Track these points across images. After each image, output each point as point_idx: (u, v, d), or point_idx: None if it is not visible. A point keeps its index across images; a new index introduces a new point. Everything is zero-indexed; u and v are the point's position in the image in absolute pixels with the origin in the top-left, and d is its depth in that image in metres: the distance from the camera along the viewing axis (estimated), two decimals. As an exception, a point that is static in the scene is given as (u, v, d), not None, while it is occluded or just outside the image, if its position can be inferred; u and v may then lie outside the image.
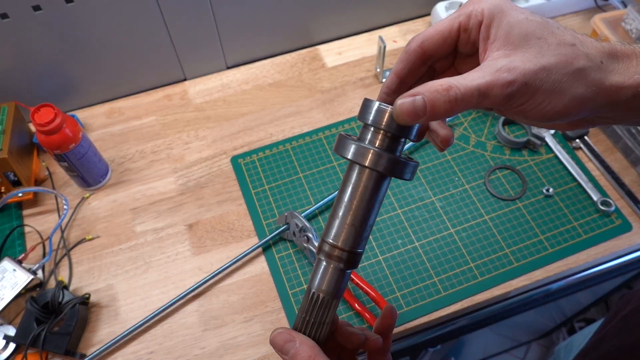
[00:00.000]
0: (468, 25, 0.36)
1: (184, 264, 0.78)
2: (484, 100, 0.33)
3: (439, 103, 0.32)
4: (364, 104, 0.37)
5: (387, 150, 0.36)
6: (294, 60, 1.03)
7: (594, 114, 0.35)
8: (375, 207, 0.38)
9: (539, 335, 1.62)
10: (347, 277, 0.40)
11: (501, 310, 0.85)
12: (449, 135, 0.38)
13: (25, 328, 0.69)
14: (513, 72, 0.32)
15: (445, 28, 0.36)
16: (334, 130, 0.92)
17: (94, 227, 0.82)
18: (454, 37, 0.37)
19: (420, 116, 0.32)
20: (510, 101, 0.33)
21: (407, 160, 0.37)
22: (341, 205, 0.38)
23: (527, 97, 0.33)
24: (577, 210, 0.82)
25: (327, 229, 0.39)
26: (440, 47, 0.37)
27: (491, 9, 0.34)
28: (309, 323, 0.39)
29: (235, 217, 0.82)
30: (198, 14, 0.89)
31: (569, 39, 0.33)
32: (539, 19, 0.34)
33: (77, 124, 0.78)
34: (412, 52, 0.37)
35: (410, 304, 0.74)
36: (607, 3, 1.08)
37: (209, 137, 0.92)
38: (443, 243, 0.79)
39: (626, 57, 0.34)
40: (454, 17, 0.36)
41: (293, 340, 0.38)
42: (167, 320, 0.73)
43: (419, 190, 0.84)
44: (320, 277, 0.39)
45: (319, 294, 0.39)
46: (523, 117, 0.35)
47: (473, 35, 0.36)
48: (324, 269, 0.39)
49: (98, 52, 0.89)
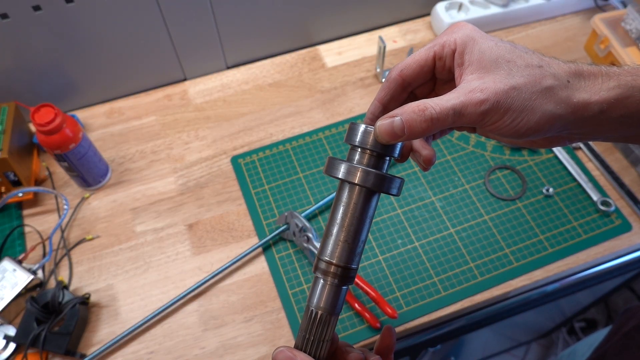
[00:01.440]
0: (442, 53, 0.39)
1: (184, 264, 0.78)
2: (459, 119, 0.35)
3: (415, 123, 0.35)
4: (350, 128, 0.40)
5: (374, 168, 0.39)
6: (294, 60, 1.03)
7: (566, 130, 0.37)
8: (366, 223, 0.40)
9: (538, 335, 1.62)
10: (344, 294, 0.41)
11: (501, 310, 0.85)
12: (431, 155, 0.41)
13: (25, 328, 0.69)
14: (485, 91, 0.35)
15: (421, 57, 0.40)
16: (334, 130, 0.92)
17: (94, 227, 0.82)
18: (430, 65, 0.40)
19: (399, 135, 0.35)
20: (484, 119, 0.35)
21: (393, 177, 0.39)
22: (334, 223, 0.40)
23: (499, 115, 0.35)
24: (577, 210, 0.82)
25: (321, 247, 0.41)
26: (418, 74, 0.40)
27: (463, 38, 0.38)
28: (309, 341, 0.41)
29: (235, 217, 0.82)
30: (198, 14, 0.89)
31: (536, 61, 0.36)
32: (508, 45, 0.37)
33: (77, 124, 0.78)
34: (392, 80, 0.40)
35: (410, 304, 0.74)
36: (607, 3, 1.08)
37: (209, 137, 0.92)
38: (443, 243, 0.79)
39: (592, 76, 0.36)
40: (429, 47, 0.40)
41: (294, 358, 0.39)
42: (167, 320, 0.73)
43: (419, 190, 0.85)
44: (318, 294, 0.41)
45: (317, 311, 0.40)
46: (498, 135, 0.38)
47: (448, 63, 0.39)
48: (321, 286, 0.41)
49: (98, 52, 0.89)
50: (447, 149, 0.89)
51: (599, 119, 0.36)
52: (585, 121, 0.37)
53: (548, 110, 0.35)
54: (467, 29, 0.38)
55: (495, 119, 0.35)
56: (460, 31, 0.38)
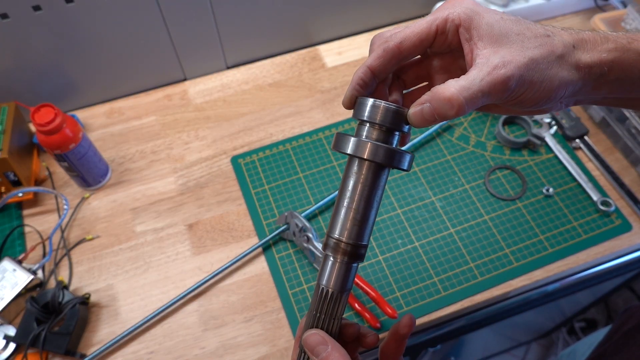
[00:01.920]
0: (445, 28, 0.38)
1: (184, 264, 0.78)
2: (487, 100, 0.35)
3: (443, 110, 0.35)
4: (359, 102, 0.39)
5: (384, 142, 0.38)
6: (294, 60, 1.03)
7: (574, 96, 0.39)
8: (375, 200, 0.40)
9: (538, 335, 1.62)
10: (354, 271, 0.41)
11: (501, 311, 0.85)
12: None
13: (25, 328, 0.69)
14: (509, 66, 0.35)
15: (422, 31, 0.38)
16: (334, 130, 0.92)
17: (94, 227, 0.82)
18: (430, 40, 0.39)
19: (430, 121, 0.36)
20: (510, 94, 0.36)
21: (403, 151, 0.39)
22: (343, 200, 0.39)
23: (524, 88, 0.36)
24: (577, 210, 0.82)
25: (331, 225, 0.40)
26: (416, 48, 0.39)
27: (467, 12, 0.37)
28: (319, 319, 0.40)
29: (235, 217, 0.82)
30: (198, 14, 0.89)
31: (542, 31, 0.37)
32: (512, 17, 0.37)
33: (77, 124, 0.78)
34: (389, 50, 0.39)
35: (410, 304, 0.74)
36: (607, 3, 1.08)
37: (209, 137, 0.92)
38: (443, 243, 0.79)
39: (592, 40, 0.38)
40: (430, 20, 0.38)
41: (326, 344, 0.39)
42: (167, 320, 0.73)
43: (419, 190, 0.85)
44: (328, 272, 0.40)
45: (328, 289, 0.40)
46: (518, 107, 0.38)
47: (450, 37, 0.38)
48: (331, 264, 0.40)
49: (98, 52, 0.89)
50: (447, 149, 0.89)
51: (599, 81, 0.38)
52: (587, 83, 0.38)
53: (563, 77, 0.36)
54: (468, 2, 0.38)
55: (519, 93, 0.36)
56: (462, 5, 0.38)
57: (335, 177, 0.86)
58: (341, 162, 0.88)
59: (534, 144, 0.88)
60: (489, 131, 0.91)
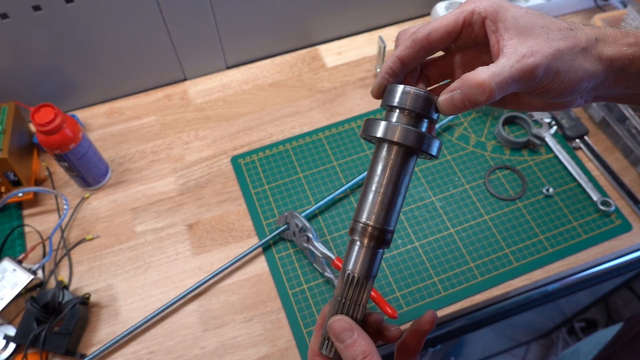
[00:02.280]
0: (472, 20, 0.39)
1: (184, 264, 0.78)
2: (516, 87, 0.36)
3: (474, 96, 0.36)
4: (388, 89, 0.40)
5: (414, 127, 0.39)
6: (294, 60, 1.03)
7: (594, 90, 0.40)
8: (403, 186, 0.40)
9: (538, 335, 1.62)
10: (380, 256, 0.41)
11: (501, 311, 0.85)
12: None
13: (25, 328, 0.69)
14: (536, 55, 0.36)
15: (450, 23, 0.40)
16: (334, 130, 0.92)
17: (94, 227, 0.82)
18: (457, 32, 0.40)
19: (460, 108, 0.37)
20: (538, 83, 0.37)
21: (433, 136, 0.39)
22: (371, 185, 0.40)
23: (550, 77, 0.37)
24: (577, 210, 0.82)
25: (357, 210, 0.40)
26: (444, 40, 0.40)
27: (493, 6, 0.38)
28: (344, 305, 0.40)
29: (235, 217, 0.82)
30: (198, 14, 0.89)
31: (566, 25, 0.38)
32: (536, 12, 0.39)
33: (77, 124, 0.78)
34: (418, 41, 0.40)
35: (410, 304, 0.74)
36: (607, 3, 1.08)
37: (209, 137, 0.92)
38: (443, 243, 0.79)
39: (613, 35, 0.39)
40: (457, 13, 0.40)
41: (352, 330, 0.39)
42: (167, 320, 0.73)
43: (419, 190, 0.85)
44: (355, 257, 0.40)
45: (354, 275, 0.40)
46: (543, 97, 0.39)
47: (476, 30, 0.40)
48: (357, 249, 0.40)
49: (98, 52, 0.89)
50: (447, 149, 0.89)
51: (620, 74, 0.39)
52: (609, 76, 0.39)
53: (587, 68, 0.37)
54: None
55: (545, 82, 0.37)
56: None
57: (335, 177, 0.86)
58: (341, 162, 0.88)
59: (534, 144, 0.88)
60: (489, 131, 0.91)
